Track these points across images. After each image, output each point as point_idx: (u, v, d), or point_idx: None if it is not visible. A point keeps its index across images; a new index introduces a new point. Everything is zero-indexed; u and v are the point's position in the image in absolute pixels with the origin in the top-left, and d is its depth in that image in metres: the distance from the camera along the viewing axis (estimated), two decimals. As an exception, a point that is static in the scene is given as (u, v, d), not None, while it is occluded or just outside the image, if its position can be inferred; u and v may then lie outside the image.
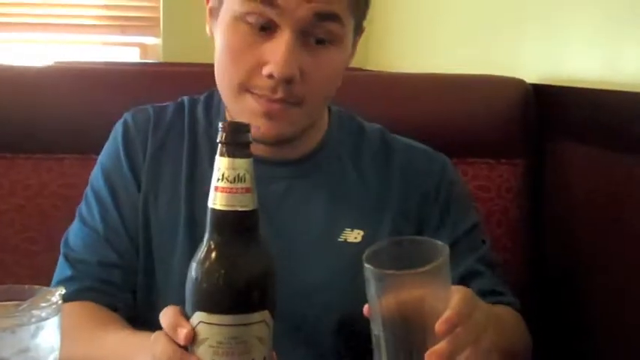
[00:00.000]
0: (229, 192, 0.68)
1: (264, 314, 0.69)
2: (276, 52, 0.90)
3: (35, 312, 0.71)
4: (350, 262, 0.97)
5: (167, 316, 0.72)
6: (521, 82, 1.45)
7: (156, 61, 2.75)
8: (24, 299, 0.73)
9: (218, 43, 0.97)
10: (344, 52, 0.97)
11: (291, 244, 1.00)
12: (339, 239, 1.01)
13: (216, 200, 0.69)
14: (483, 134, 1.41)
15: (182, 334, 0.69)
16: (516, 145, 1.43)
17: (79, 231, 1.05)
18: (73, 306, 0.97)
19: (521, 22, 1.61)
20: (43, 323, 0.71)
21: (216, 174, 0.69)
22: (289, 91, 0.93)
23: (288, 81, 0.91)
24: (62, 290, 0.73)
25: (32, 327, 0.71)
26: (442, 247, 0.72)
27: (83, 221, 1.05)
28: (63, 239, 1.06)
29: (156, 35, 2.80)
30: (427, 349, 0.69)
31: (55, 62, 2.07)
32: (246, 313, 0.68)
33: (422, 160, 1.08)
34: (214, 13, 0.99)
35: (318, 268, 1.00)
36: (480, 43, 1.74)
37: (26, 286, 0.75)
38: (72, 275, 1.02)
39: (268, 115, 0.94)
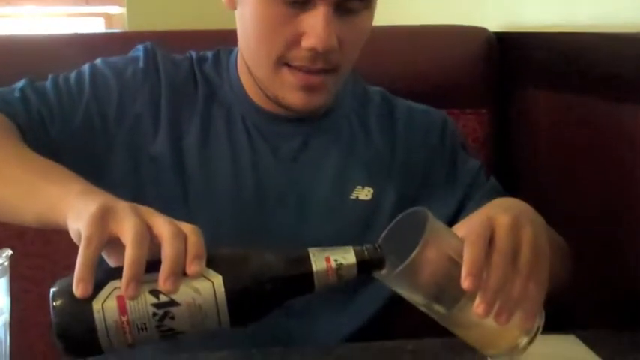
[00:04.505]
0: (328, 274, 0.71)
1: None
2: (316, 26, 0.90)
3: (-19, 275, 0.69)
4: (360, 219, 1.03)
5: (197, 236, 0.69)
6: (483, 30, 1.44)
7: (121, 31, 2.73)
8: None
9: (246, 16, 0.96)
10: (372, 14, 0.98)
11: (305, 198, 1.03)
12: (351, 197, 1.04)
13: (317, 263, 0.71)
14: (448, 84, 1.41)
15: (198, 265, 0.67)
16: (481, 94, 1.43)
17: (43, 84, 1.02)
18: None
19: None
20: (-11, 286, 0.69)
21: (338, 253, 0.71)
22: (328, 61, 0.94)
23: (328, 52, 0.93)
24: (9, 252, 0.71)
25: (-21, 290, 0.69)
26: (422, 211, 0.72)
27: (54, 82, 1.02)
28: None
29: (120, 4, 2.76)
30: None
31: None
32: None
33: (423, 117, 1.11)
34: None
35: (330, 222, 1.03)
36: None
37: (-29, 250, 0.72)
38: (18, 97, 0.99)
39: (308, 88, 0.96)
